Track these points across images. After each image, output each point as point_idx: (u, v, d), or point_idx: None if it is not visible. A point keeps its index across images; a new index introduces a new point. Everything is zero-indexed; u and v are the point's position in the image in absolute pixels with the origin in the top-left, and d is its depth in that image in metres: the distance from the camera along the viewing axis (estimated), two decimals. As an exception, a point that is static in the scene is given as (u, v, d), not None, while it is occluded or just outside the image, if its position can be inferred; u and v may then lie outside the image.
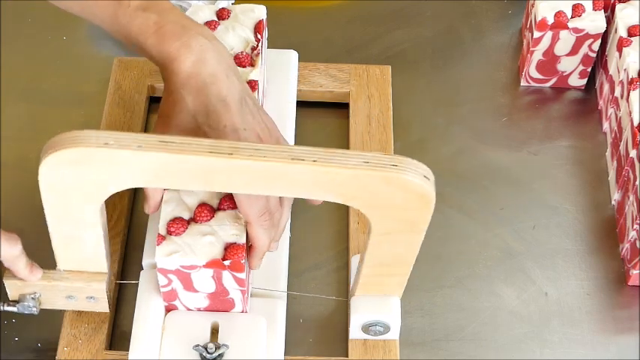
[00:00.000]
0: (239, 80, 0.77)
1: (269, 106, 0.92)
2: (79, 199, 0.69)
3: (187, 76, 0.74)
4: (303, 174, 0.66)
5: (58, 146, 0.65)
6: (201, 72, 0.74)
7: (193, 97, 0.74)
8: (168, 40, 0.74)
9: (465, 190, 0.94)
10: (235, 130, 0.74)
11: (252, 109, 0.77)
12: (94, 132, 0.65)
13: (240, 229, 0.74)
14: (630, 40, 0.93)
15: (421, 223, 0.71)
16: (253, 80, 0.83)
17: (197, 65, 0.74)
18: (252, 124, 0.75)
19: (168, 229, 0.73)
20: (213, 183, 0.68)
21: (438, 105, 1.01)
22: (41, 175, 0.66)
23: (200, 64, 0.74)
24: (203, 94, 0.74)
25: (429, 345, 0.84)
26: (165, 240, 0.73)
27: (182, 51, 0.74)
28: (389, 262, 0.75)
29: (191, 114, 0.74)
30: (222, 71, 0.75)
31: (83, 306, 0.80)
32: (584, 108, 1.01)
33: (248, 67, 0.84)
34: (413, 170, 0.66)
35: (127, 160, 0.65)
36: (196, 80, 0.74)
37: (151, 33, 0.74)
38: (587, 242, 0.91)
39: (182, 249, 0.73)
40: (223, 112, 0.74)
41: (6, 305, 0.78)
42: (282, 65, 0.96)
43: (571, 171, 0.96)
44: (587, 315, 0.86)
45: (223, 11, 0.88)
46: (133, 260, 0.87)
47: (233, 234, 0.73)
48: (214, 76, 0.74)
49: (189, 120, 0.74)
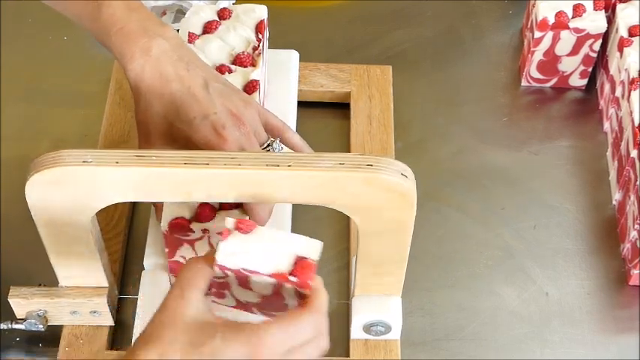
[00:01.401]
0: (202, 68, 0.76)
1: (270, 106, 0.92)
2: (68, 217, 0.70)
3: (149, 80, 0.74)
4: (280, 180, 0.66)
5: (39, 167, 0.66)
6: (162, 72, 0.74)
7: (159, 99, 0.74)
8: (128, 42, 0.74)
9: (465, 190, 0.94)
10: (206, 117, 0.73)
11: (221, 90, 0.76)
12: (73, 151, 0.66)
13: (312, 243, 0.65)
14: (631, 40, 0.93)
15: (406, 222, 0.71)
16: (254, 80, 0.83)
17: (155, 67, 0.74)
18: (223, 105, 0.75)
19: (237, 225, 0.65)
20: (192, 193, 0.68)
21: (438, 105, 1.01)
22: (27, 195, 0.68)
23: (158, 66, 0.74)
24: (167, 94, 0.74)
25: (430, 345, 0.84)
26: (232, 236, 0.64)
27: (139, 54, 0.74)
28: (381, 262, 0.76)
29: (162, 116, 0.74)
30: (182, 67, 0.75)
31: (88, 320, 0.80)
32: (585, 108, 1.01)
33: (249, 66, 0.84)
34: (389, 169, 0.66)
35: (106, 177, 0.66)
36: (159, 82, 0.74)
37: (114, 32, 0.75)
38: (588, 242, 0.91)
39: (249, 251, 0.64)
40: (190, 104, 0.74)
41: (13, 323, 0.79)
42: (282, 65, 0.96)
43: (571, 171, 0.96)
44: (588, 315, 0.87)
45: (224, 11, 0.88)
46: (134, 260, 0.87)
47: (307, 246, 0.64)
48: (175, 74, 0.74)
49: (162, 122, 0.75)
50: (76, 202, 0.69)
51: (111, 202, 0.69)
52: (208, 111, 0.74)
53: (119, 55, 0.75)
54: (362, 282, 0.78)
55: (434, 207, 0.92)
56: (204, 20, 0.87)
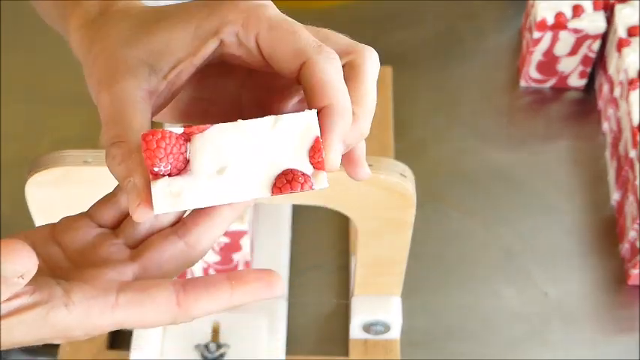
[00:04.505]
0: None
1: (269, 106, 0.92)
2: None
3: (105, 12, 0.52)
4: None
5: (39, 167, 0.66)
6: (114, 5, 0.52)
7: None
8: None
9: (465, 190, 0.94)
10: None
11: None
12: (73, 151, 0.66)
13: None
14: (630, 41, 0.93)
15: (405, 222, 0.71)
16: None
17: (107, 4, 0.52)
18: None
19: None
20: None
21: (438, 105, 1.01)
22: (27, 195, 0.68)
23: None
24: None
25: (430, 345, 0.84)
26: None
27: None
28: (381, 262, 0.76)
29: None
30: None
31: None
32: (584, 108, 1.01)
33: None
34: (389, 169, 0.66)
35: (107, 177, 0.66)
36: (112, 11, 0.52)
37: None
38: (587, 242, 0.91)
39: None
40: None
41: None
42: (282, 65, 0.96)
43: (571, 171, 0.96)
44: (587, 315, 0.87)
45: (224, 11, 0.88)
46: (133, 260, 0.87)
47: None
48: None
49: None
50: (76, 202, 0.69)
51: None
52: None
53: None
54: (361, 282, 0.78)
55: (434, 207, 0.92)
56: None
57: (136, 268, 0.47)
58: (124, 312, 0.44)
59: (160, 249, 0.48)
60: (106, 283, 0.45)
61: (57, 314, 0.44)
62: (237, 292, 0.45)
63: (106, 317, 0.44)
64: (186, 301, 0.44)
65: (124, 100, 0.47)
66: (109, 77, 0.48)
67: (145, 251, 0.48)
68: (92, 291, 0.44)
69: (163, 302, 0.44)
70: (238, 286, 0.45)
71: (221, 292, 0.45)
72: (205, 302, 0.45)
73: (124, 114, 0.46)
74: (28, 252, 0.42)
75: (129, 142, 0.45)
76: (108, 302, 0.44)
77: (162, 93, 0.48)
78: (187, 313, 0.45)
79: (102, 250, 0.48)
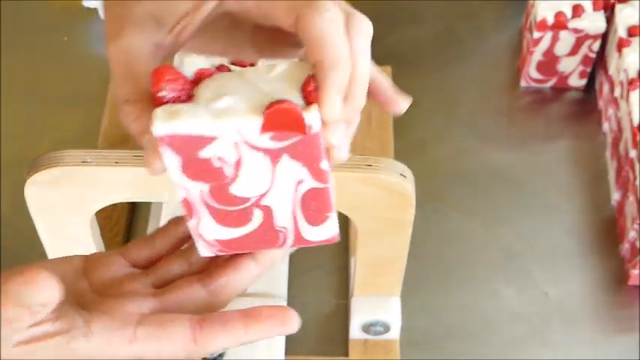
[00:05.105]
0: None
1: (269, 106, 0.92)
2: (67, 217, 0.70)
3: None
4: None
5: (39, 167, 0.66)
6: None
7: None
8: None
9: (465, 190, 0.94)
10: None
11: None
12: (72, 151, 0.66)
13: None
14: (630, 41, 0.93)
15: (405, 222, 0.71)
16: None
17: None
18: None
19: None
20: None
21: (438, 105, 1.01)
22: (27, 195, 0.67)
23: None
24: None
25: (430, 345, 0.84)
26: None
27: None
28: (380, 262, 0.76)
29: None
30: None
31: None
32: (584, 108, 1.01)
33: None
34: (388, 169, 0.66)
35: (106, 177, 0.66)
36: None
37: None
38: (587, 242, 0.91)
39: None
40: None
41: None
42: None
43: (571, 171, 0.96)
44: (587, 315, 0.87)
45: (224, 11, 0.88)
46: (133, 260, 0.87)
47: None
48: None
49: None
50: (75, 202, 0.69)
51: (110, 202, 0.69)
52: None
53: None
54: (361, 282, 0.78)
55: (434, 207, 0.92)
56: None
57: (156, 304, 0.49)
58: (141, 345, 0.46)
59: (183, 292, 0.50)
60: (125, 315, 0.47)
61: (77, 343, 0.46)
62: (251, 330, 0.47)
63: (124, 349, 0.46)
64: (202, 337, 0.46)
65: (133, 55, 0.48)
66: (118, 29, 0.49)
67: (168, 292, 0.50)
68: (111, 322, 0.46)
69: (180, 338, 0.46)
70: (253, 325, 0.47)
71: (236, 329, 0.47)
72: (221, 339, 0.46)
73: (134, 70, 0.48)
74: (53, 284, 0.44)
75: (141, 99, 0.47)
76: (126, 335, 0.46)
77: (167, 47, 0.49)
78: (203, 348, 0.46)
79: (128, 285, 0.50)
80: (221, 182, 0.47)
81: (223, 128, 0.44)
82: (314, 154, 0.47)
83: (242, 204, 0.48)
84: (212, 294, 0.50)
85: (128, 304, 0.48)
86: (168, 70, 0.45)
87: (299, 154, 0.46)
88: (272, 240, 0.50)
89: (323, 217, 0.50)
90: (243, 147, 0.46)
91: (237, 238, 0.50)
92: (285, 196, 0.48)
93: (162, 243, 0.53)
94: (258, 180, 0.47)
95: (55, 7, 1.08)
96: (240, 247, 0.50)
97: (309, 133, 0.45)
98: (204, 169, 0.46)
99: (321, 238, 0.51)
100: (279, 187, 0.48)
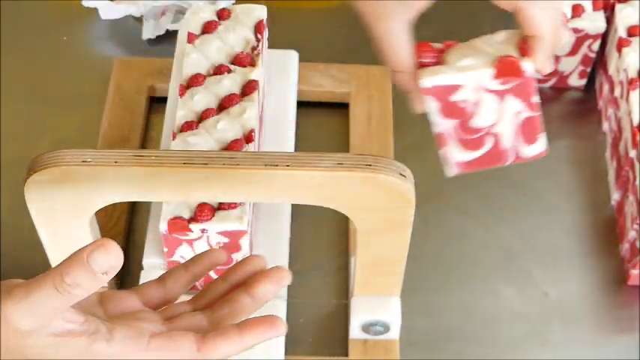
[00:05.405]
0: None
1: (269, 106, 0.92)
2: (67, 217, 0.70)
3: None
4: (278, 179, 0.66)
5: (39, 167, 0.66)
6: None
7: None
8: None
9: (465, 190, 0.94)
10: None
11: None
12: (72, 151, 0.66)
13: None
14: (630, 41, 0.93)
15: (404, 222, 0.71)
16: (254, 80, 0.83)
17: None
18: None
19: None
20: (191, 193, 0.68)
21: (438, 105, 1.01)
22: (27, 196, 0.67)
23: None
24: None
25: (429, 345, 0.84)
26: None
27: None
28: (380, 262, 0.76)
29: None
30: None
31: None
32: (584, 108, 1.01)
33: (248, 67, 0.84)
34: (388, 169, 0.66)
35: (105, 177, 0.66)
36: None
37: None
38: (587, 242, 0.91)
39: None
40: None
41: None
42: (282, 65, 0.96)
43: (571, 171, 0.96)
44: (587, 315, 0.87)
45: (224, 11, 0.88)
46: (133, 260, 0.87)
47: None
48: None
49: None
50: (75, 202, 0.69)
51: (110, 202, 0.69)
52: None
53: None
54: (361, 282, 0.78)
55: (434, 207, 0.92)
56: (203, 20, 0.87)
57: (164, 328, 0.57)
58: (154, 353, 0.54)
59: (188, 321, 0.58)
60: (140, 329, 0.55)
61: (99, 346, 0.53)
62: (246, 337, 0.55)
63: (139, 355, 0.54)
64: (205, 347, 0.54)
65: (394, 36, 0.66)
66: (380, 14, 0.66)
67: (176, 320, 0.58)
68: (130, 332, 0.54)
69: (186, 348, 0.54)
70: (246, 332, 0.55)
71: (233, 337, 0.55)
72: (221, 347, 0.55)
73: (397, 49, 0.65)
74: (118, 248, 0.50)
75: (406, 71, 0.65)
76: (142, 343, 0.54)
77: (412, 20, 0.66)
78: (207, 356, 0.54)
79: (140, 314, 0.58)
80: (465, 118, 0.65)
81: (467, 78, 0.63)
82: (528, 91, 0.64)
83: (479, 133, 0.66)
84: (213, 324, 0.58)
85: (143, 324, 0.56)
86: (424, 45, 0.66)
87: (518, 92, 0.64)
88: (499, 159, 0.68)
89: (535, 138, 0.67)
90: (481, 91, 0.64)
91: (475, 159, 0.68)
92: (508, 124, 0.66)
93: (173, 284, 0.61)
94: (491, 114, 0.65)
95: (55, 7, 1.08)
96: (476, 166, 0.68)
97: (526, 76, 0.63)
98: (454, 109, 0.65)
99: (534, 153, 0.68)
100: (504, 118, 0.65)
